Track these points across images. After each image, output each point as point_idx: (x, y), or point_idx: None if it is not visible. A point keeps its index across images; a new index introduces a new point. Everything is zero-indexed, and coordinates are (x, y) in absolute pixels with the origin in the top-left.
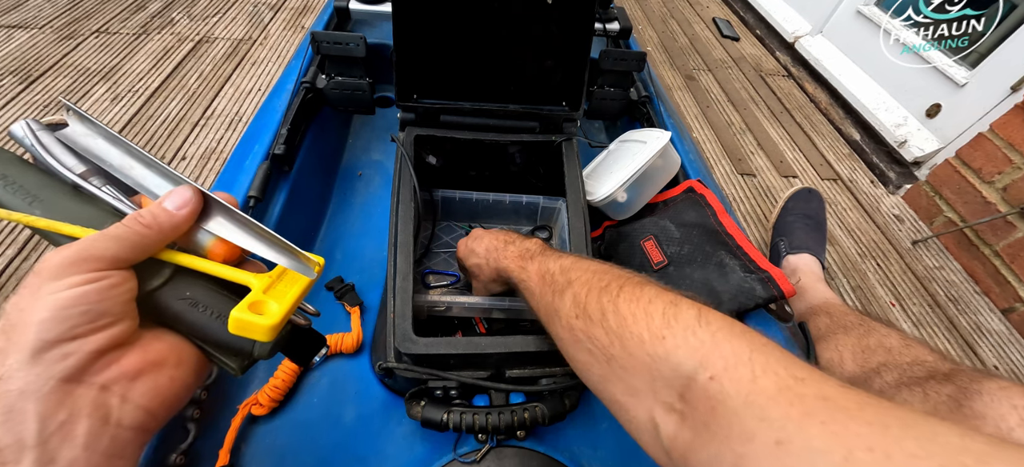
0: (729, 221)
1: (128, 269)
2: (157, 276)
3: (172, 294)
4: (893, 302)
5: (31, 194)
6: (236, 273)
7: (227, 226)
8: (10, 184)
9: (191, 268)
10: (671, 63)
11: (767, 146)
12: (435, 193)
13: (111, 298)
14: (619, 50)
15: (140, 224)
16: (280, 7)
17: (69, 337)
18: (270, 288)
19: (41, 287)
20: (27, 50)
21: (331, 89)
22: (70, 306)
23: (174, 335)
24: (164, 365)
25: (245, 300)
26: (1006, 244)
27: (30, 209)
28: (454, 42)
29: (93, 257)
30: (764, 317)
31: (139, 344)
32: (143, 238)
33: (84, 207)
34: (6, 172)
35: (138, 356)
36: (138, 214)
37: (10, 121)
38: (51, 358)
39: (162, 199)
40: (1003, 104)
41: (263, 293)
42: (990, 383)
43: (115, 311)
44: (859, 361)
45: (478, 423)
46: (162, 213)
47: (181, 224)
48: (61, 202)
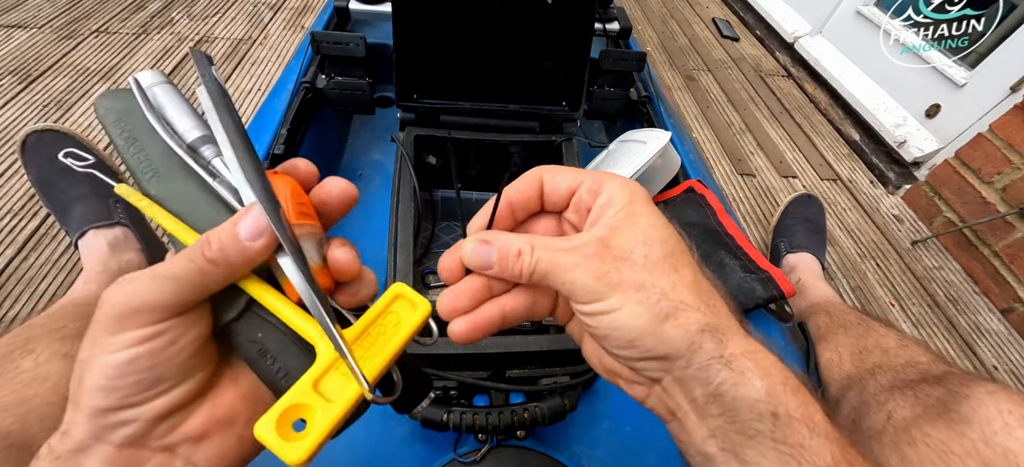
0: (729, 221)
1: (196, 306)
2: (230, 307)
3: (243, 334)
4: (893, 302)
5: (153, 165)
6: (308, 327)
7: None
8: (140, 151)
9: (263, 304)
10: (671, 63)
11: (767, 146)
12: (435, 193)
13: (167, 360)
14: (619, 50)
15: (205, 259)
16: (280, 7)
17: (123, 406)
18: (331, 370)
19: (98, 339)
20: (26, 50)
21: (331, 89)
22: (121, 375)
23: (252, 379)
24: (234, 423)
25: (277, 406)
26: (1005, 244)
27: (148, 184)
28: (454, 42)
29: (148, 307)
30: (764, 317)
31: (209, 398)
32: (207, 278)
33: (194, 190)
34: (136, 135)
35: (206, 415)
36: (205, 243)
37: (10, 121)
38: (108, 424)
39: (235, 220)
40: (1002, 104)
41: (313, 386)
42: (978, 387)
43: (172, 375)
44: (856, 361)
45: (478, 423)
46: (232, 245)
47: (253, 259)
48: (176, 181)
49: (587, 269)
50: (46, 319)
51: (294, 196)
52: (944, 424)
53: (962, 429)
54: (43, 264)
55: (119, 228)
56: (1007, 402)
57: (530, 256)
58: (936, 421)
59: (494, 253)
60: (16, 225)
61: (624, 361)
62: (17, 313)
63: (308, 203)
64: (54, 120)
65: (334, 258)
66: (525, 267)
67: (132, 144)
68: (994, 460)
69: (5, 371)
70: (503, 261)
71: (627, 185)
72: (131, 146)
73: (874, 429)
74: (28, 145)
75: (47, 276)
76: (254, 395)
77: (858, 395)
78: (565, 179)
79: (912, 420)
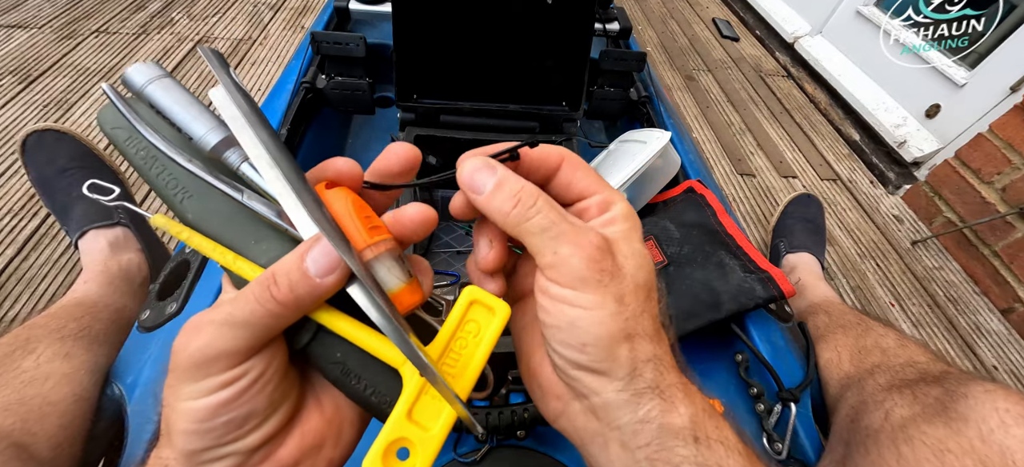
0: (729, 221)
1: (270, 342)
2: (303, 332)
3: (322, 354)
4: (892, 302)
5: (181, 184)
6: (389, 351)
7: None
8: (162, 169)
9: (336, 331)
10: (671, 63)
11: (767, 146)
12: (435, 193)
13: (254, 396)
14: (619, 50)
15: (275, 301)
16: (280, 7)
17: (218, 444)
18: (422, 395)
19: (179, 387)
20: (26, 50)
21: (331, 89)
22: (209, 418)
23: (336, 396)
24: (322, 448)
25: (381, 443)
26: (1005, 244)
27: (183, 207)
28: (454, 42)
29: (225, 354)
30: (764, 317)
31: (297, 425)
32: (277, 319)
33: (234, 207)
34: (156, 154)
35: (296, 443)
36: (272, 282)
37: (10, 121)
38: (204, 460)
39: (301, 254)
40: (1002, 104)
41: (407, 417)
42: (976, 386)
43: (262, 409)
44: (855, 361)
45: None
46: (302, 283)
47: (324, 296)
48: (211, 200)
49: (584, 253)
50: (47, 319)
51: (358, 210)
52: (941, 423)
53: (959, 427)
54: (43, 264)
55: (119, 228)
56: (1004, 400)
57: (532, 202)
58: (933, 420)
59: (490, 181)
60: (16, 225)
61: (562, 364)
62: (17, 313)
63: (374, 215)
64: (54, 120)
65: (404, 219)
66: (521, 210)
67: (153, 164)
68: (991, 458)
69: (6, 371)
70: (498, 191)
71: (633, 213)
72: (152, 166)
73: (872, 428)
74: (28, 145)
75: (47, 276)
76: (337, 418)
77: (857, 395)
78: (583, 179)
79: (910, 419)
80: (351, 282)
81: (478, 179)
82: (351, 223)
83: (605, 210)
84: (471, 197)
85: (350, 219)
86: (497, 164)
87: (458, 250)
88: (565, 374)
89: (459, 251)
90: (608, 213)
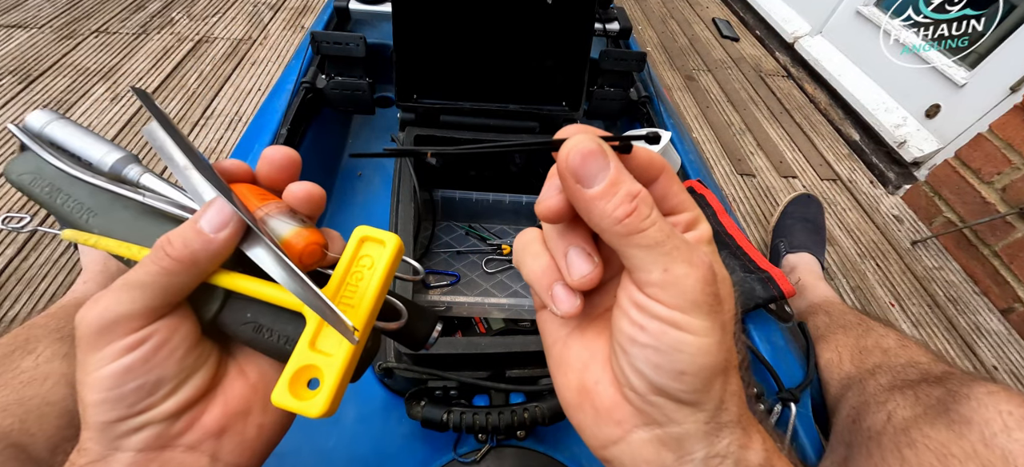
0: (729, 221)
1: (177, 308)
2: (210, 301)
3: (233, 319)
4: (892, 302)
5: (84, 206)
6: (286, 298)
7: (267, 260)
8: (67, 198)
9: (241, 291)
10: (671, 63)
11: (767, 146)
12: (435, 193)
13: (162, 362)
14: (619, 50)
15: (170, 259)
16: (280, 7)
17: (131, 414)
18: (324, 327)
19: (85, 360)
20: (26, 50)
21: (331, 89)
22: (119, 385)
23: (260, 363)
24: (250, 413)
25: (285, 374)
26: (1005, 244)
27: (88, 225)
28: (454, 42)
29: (123, 318)
30: (764, 317)
31: (219, 393)
32: (175, 278)
33: (135, 215)
34: (58, 185)
35: (219, 410)
36: (166, 242)
37: (9, 121)
38: (120, 433)
39: (196, 218)
40: (1002, 104)
41: (310, 347)
42: (979, 387)
43: (172, 375)
44: (856, 361)
45: (478, 423)
46: (196, 239)
47: (220, 251)
48: (114, 212)
49: (699, 274)
50: (46, 319)
51: (251, 190)
52: (944, 425)
53: (961, 430)
54: (43, 264)
55: None
56: (1007, 403)
57: (648, 211)
58: (936, 422)
59: (605, 175)
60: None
61: (642, 388)
62: (17, 313)
63: (269, 193)
64: None
65: (293, 193)
66: (636, 219)
67: (57, 195)
68: (993, 462)
69: (5, 371)
70: (614, 190)
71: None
72: (56, 197)
73: (874, 429)
74: None
75: (47, 276)
76: (263, 383)
77: (858, 395)
78: (679, 193)
79: (912, 420)
80: (250, 245)
81: (590, 167)
82: (248, 194)
83: (691, 229)
84: (571, 187)
85: (247, 193)
86: (612, 153)
87: (458, 250)
88: (642, 399)
89: (459, 251)
90: (695, 232)
